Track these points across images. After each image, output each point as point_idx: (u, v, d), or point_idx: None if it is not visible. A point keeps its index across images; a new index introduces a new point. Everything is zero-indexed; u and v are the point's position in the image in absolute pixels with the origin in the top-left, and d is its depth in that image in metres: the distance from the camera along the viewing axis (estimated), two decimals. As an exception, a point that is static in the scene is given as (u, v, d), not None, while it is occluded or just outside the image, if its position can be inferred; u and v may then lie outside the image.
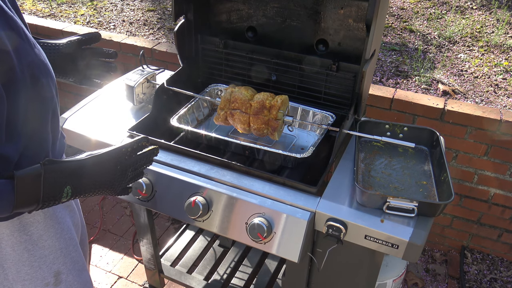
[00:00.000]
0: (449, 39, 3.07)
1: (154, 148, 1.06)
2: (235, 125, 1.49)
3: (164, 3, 3.67)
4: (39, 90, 0.94)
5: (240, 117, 1.45)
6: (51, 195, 0.89)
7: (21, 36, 0.89)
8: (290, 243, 1.23)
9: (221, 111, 1.50)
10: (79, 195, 0.94)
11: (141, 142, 1.03)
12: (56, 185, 0.89)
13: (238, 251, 2.23)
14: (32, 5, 3.64)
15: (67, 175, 0.91)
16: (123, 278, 2.33)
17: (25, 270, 1.07)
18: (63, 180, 0.90)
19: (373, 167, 1.38)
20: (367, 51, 1.34)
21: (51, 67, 0.99)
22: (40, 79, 0.93)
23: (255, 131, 1.47)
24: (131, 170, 1.03)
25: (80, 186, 0.93)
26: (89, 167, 0.95)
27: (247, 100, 1.45)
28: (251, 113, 1.44)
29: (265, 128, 1.44)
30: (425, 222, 1.19)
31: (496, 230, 2.30)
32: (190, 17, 1.69)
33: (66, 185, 0.91)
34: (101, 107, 1.67)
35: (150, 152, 1.05)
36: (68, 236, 1.14)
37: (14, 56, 0.85)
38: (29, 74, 0.90)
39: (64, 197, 0.91)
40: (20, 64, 0.87)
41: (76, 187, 0.92)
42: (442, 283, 2.29)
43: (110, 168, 0.98)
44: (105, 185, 0.98)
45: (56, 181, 0.89)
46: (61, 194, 0.90)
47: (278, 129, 1.45)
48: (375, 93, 2.12)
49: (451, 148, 2.13)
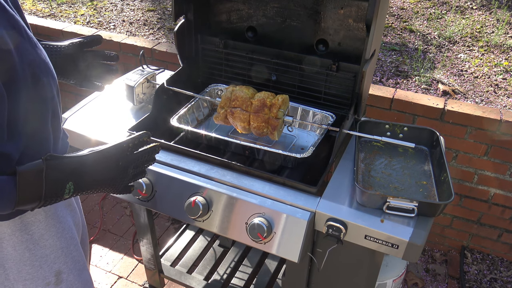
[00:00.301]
0: (449, 39, 3.07)
1: (155, 145, 1.06)
2: (235, 124, 1.49)
3: (164, 3, 3.67)
4: (39, 89, 0.94)
5: (241, 115, 1.45)
6: (53, 191, 0.89)
7: (23, 35, 0.89)
8: (290, 243, 1.23)
9: (221, 110, 1.50)
10: (81, 191, 0.94)
11: (143, 138, 1.02)
12: (58, 181, 0.89)
13: (238, 251, 2.23)
14: (32, 5, 3.64)
15: (69, 171, 0.91)
16: (123, 278, 2.33)
17: (26, 269, 1.07)
18: (65, 175, 0.90)
19: (373, 167, 1.38)
20: (367, 51, 1.34)
21: (52, 67, 0.99)
22: (41, 78, 0.93)
23: (254, 130, 1.46)
24: (133, 167, 1.02)
25: (82, 182, 0.93)
26: (91, 162, 0.94)
27: (248, 98, 1.45)
28: (252, 111, 1.44)
29: (265, 127, 1.44)
30: (425, 222, 1.19)
31: (496, 230, 2.30)
32: (190, 17, 1.69)
33: (68, 181, 0.90)
34: (101, 107, 1.67)
35: (151, 149, 1.05)
36: (69, 236, 1.14)
37: (16, 55, 0.85)
38: (30, 73, 0.90)
39: (66, 194, 0.91)
40: (21, 63, 0.87)
41: (78, 183, 0.92)
42: (442, 283, 2.29)
43: (112, 164, 0.98)
44: (107, 181, 0.98)
45: (58, 176, 0.89)
46: (63, 190, 0.90)
47: (278, 128, 1.44)
48: (375, 93, 2.12)
49: (451, 148, 2.13)
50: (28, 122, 0.93)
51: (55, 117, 1.02)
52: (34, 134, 0.96)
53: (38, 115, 0.96)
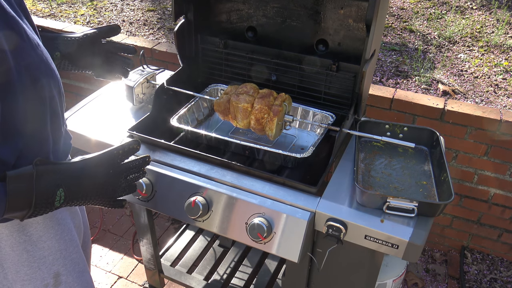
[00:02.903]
0: (449, 39, 3.07)
1: (146, 156, 1.06)
2: (236, 110, 1.48)
3: (164, 3, 3.67)
4: (38, 90, 0.92)
5: (246, 98, 1.46)
6: (44, 197, 0.88)
7: (22, 37, 0.87)
8: (290, 243, 1.23)
9: (225, 95, 1.50)
10: (72, 200, 0.93)
11: (132, 145, 1.02)
12: (49, 187, 0.88)
13: (238, 251, 2.23)
14: (32, 5, 3.64)
15: (59, 176, 0.90)
16: (123, 278, 2.33)
17: (24, 270, 1.07)
18: (56, 181, 0.89)
19: (373, 167, 1.38)
20: (367, 51, 1.34)
21: (54, 67, 0.98)
22: (40, 80, 0.92)
23: (256, 113, 1.44)
24: (124, 178, 1.02)
25: (73, 189, 0.92)
26: (82, 169, 0.94)
27: (256, 88, 1.49)
28: (257, 97, 1.46)
29: (267, 112, 1.44)
30: (425, 222, 1.19)
31: (496, 230, 2.30)
32: (190, 17, 1.69)
33: (59, 187, 0.89)
34: (101, 107, 1.67)
35: (142, 160, 1.05)
36: (69, 238, 1.13)
37: (11, 57, 0.83)
38: (28, 75, 0.88)
39: (57, 201, 0.90)
40: (17, 65, 0.85)
41: (69, 190, 0.91)
42: (442, 283, 2.29)
43: (103, 171, 0.98)
44: (98, 190, 0.97)
45: (49, 181, 0.88)
46: (54, 197, 0.89)
47: (279, 117, 1.44)
48: (375, 93, 2.12)
49: (451, 148, 2.13)
50: (25, 124, 0.92)
51: (55, 117, 1.00)
52: (32, 136, 0.95)
53: (36, 116, 0.95)
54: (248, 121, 1.48)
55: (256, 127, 1.47)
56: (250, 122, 1.48)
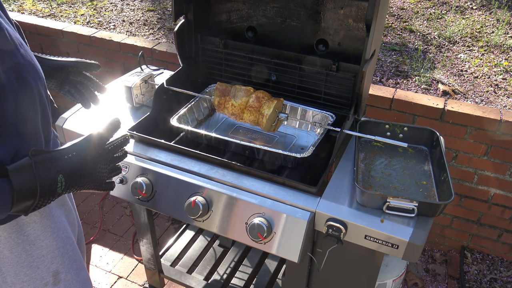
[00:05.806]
0: (449, 39, 3.07)
1: (125, 134, 1.08)
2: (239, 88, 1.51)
3: (164, 3, 3.67)
4: (27, 91, 0.93)
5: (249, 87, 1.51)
6: (47, 185, 0.89)
7: (6, 38, 0.87)
8: (290, 243, 1.23)
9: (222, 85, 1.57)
10: (72, 185, 0.94)
11: (115, 122, 1.03)
12: (50, 174, 0.89)
13: (238, 251, 2.23)
14: (32, 5, 3.64)
15: (56, 163, 0.91)
16: (123, 278, 2.33)
17: (23, 271, 1.07)
18: (54, 168, 0.90)
19: (373, 167, 1.38)
20: (367, 51, 1.34)
21: (39, 68, 0.99)
22: (27, 81, 0.92)
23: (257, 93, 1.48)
24: (111, 157, 1.04)
25: (71, 174, 0.93)
26: (75, 153, 0.95)
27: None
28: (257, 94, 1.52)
29: (267, 96, 1.49)
30: (425, 222, 1.19)
31: (496, 230, 2.30)
32: (190, 17, 1.69)
33: (59, 173, 0.90)
34: (101, 108, 1.66)
35: (123, 139, 1.06)
36: (65, 235, 1.14)
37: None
38: (15, 76, 0.89)
39: (59, 188, 0.91)
40: (4, 67, 0.85)
41: (67, 175, 0.92)
42: (442, 283, 2.29)
43: (93, 152, 0.99)
44: (91, 172, 0.98)
45: (49, 169, 0.89)
46: (56, 184, 0.90)
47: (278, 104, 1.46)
48: (375, 93, 2.12)
49: (451, 148, 2.13)
50: (18, 124, 0.93)
51: (44, 117, 1.01)
52: (25, 136, 0.96)
53: (28, 117, 0.95)
54: (247, 99, 1.49)
55: (254, 105, 1.48)
56: (248, 100, 1.49)
